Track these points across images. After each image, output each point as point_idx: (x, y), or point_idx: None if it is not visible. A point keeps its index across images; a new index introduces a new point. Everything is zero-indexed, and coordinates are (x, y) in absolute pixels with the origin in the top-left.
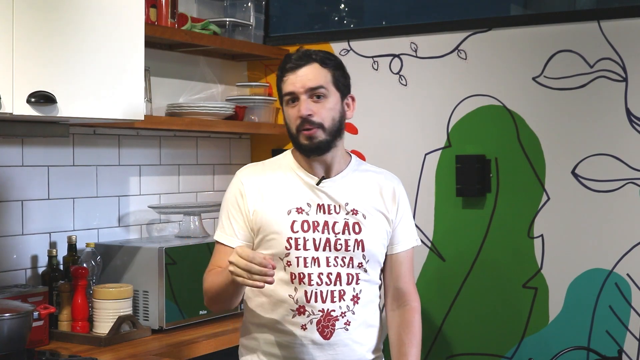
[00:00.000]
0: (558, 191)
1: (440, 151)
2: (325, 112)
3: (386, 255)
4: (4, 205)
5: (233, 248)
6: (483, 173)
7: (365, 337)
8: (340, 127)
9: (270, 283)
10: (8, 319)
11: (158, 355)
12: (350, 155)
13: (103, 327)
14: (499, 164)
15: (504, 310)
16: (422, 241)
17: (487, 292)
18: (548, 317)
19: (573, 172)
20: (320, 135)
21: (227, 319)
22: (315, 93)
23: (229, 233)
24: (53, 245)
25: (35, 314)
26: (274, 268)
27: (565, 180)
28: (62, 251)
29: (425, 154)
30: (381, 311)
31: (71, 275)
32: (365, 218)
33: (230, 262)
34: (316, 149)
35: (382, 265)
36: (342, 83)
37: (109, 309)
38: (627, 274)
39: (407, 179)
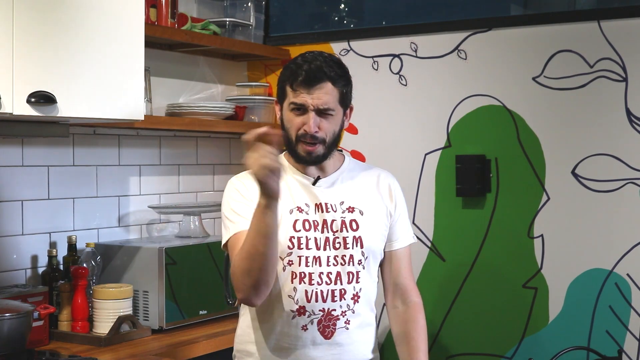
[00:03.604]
0: (558, 191)
1: (440, 151)
2: (329, 127)
3: (385, 252)
4: (4, 205)
5: None
6: (483, 173)
7: (364, 336)
8: (338, 139)
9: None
10: (8, 319)
11: (158, 355)
12: (344, 155)
13: (103, 327)
14: (499, 164)
15: (504, 310)
16: (422, 241)
17: (487, 292)
18: (548, 317)
19: (573, 172)
20: (320, 151)
21: (227, 319)
22: (323, 112)
23: (249, 217)
24: (53, 245)
25: (35, 314)
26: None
27: (565, 180)
28: (62, 251)
29: (425, 154)
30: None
31: (71, 275)
32: (362, 215)
33: (252, 157)
34: (313, 162)
35: (380, 262)
36: (348, 99)
37: (109, 309)
38: (627, 274)
39: (407, 179)
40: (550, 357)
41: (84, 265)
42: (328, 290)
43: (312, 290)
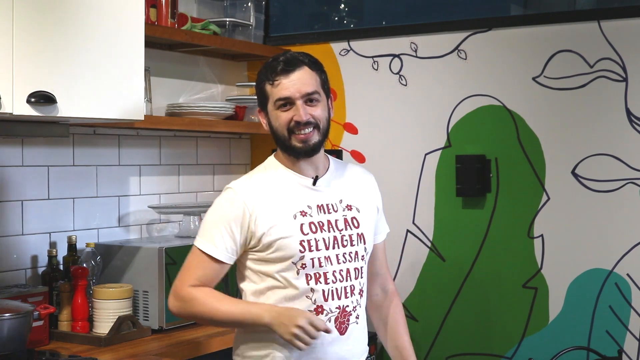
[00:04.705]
0: (558, 191)
1: (440, 151)
2: (320, 112)
3: None
4: (4, 205)
5: (219, 261)
6: (483, 173)
7: (365, 328)
8: (329, 127)
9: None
10: (8, 319)
11: (158, 355)
12: (326, 154)
13: (103, 327)
14: (499, 164)
15: (504, 310)
16: (422, 241)
17: (487, 292)
18: (548, 317)
19: (573, 172)
20: (315, 137)
21: None
22: (310, 98)
23: (219, 245)
24: (53, 245)
25: (35, 314)
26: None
27: (565, 180)
28: (62, 251)
29: (425, 154)
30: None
31: (71, 275)
32: (359, 212)
33: (300, 327)
34: (311, 151)
35: None
36: (327, 85)
37: (109, 309)
38: (627, 274)
39: (407, 179)
40: (550, 357)
41: (84, 265)
42: (342, 287)
43: (329, 289)
